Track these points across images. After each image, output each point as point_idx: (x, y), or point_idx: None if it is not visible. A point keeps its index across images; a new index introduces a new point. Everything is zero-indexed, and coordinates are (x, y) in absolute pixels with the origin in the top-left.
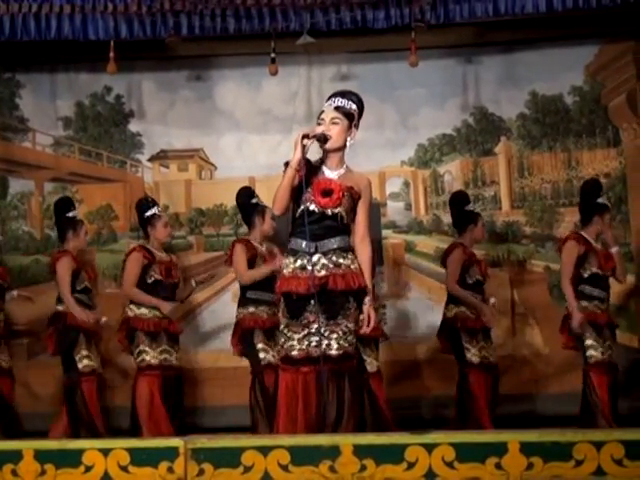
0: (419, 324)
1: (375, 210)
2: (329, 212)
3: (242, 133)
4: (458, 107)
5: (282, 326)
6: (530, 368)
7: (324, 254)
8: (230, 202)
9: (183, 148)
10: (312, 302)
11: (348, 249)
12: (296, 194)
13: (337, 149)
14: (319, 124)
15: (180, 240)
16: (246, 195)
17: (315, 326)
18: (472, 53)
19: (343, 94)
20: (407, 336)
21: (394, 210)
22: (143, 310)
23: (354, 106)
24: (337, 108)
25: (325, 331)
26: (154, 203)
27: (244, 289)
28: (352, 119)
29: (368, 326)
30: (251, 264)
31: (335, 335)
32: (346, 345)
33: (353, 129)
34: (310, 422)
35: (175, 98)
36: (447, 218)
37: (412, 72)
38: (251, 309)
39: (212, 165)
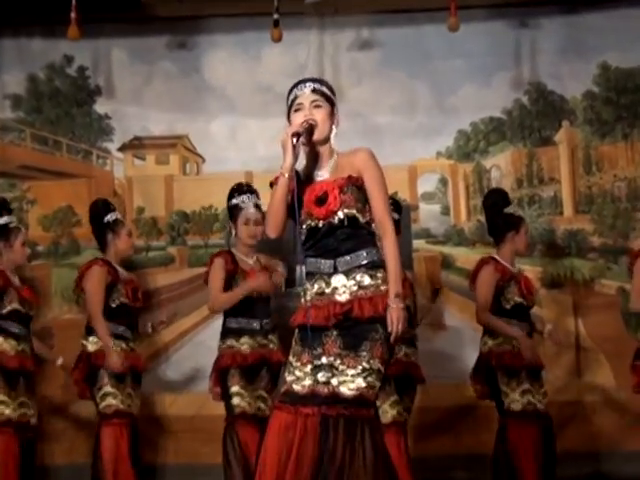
0: (459, 361)
1: (404, 214)
2: (335, 220)
3: (237, 116)
4: (509, 83)
5: (290, 357)
6: (600, 418)
7: (346, 274)
8: (221, 204)
9: (163, 135)
10: (333, 333)
11: (377, 264)
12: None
13: (325, 139)
14: (296, 110)
15: (158, 252)
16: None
17: (329, 359)
18: (527, 14)
19: (314, 80)
20: (444, 376)
21: (428, 215)
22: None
23: (329, 91)
24: (314, 90)
25: (340, 365)
26: (114, 207)
27: (225, 315)
28: (332, 103)
29: (394, 328)
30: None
31: (352, 371)
32: (364, 386)
33: (337, 115)
34: None
35: (153, 71)
36: None
37: (451, 39)
38: (229, 342)
39: (199, 157)
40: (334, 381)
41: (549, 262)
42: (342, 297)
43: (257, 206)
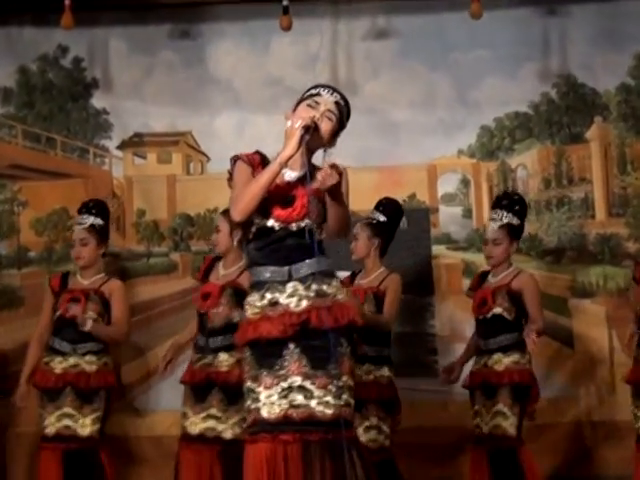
0: None
1: (422, 217)
2: (293, 227)
3: (244, 111)
4: (536, 76)
5: (248, 382)
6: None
7: (301, 281)
8: (228, 205)
9: (164, 131)
10: (291, 346)
11: (331, 272)
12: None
13: (313, 149)
14: (309, 105)
15: (159, 259)
16: None
17: (297, 379)
18: (556, 1)
19: (343, 95)
20: (463, 393)
21: (449, 218)
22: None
23: (346, 114)
24: (338, 105)
25: (310, 385)
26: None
27: None
28: (342, 125)
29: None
30: None
31: (325, 392)
32: (342, 404)
33: (339, 135)
34: None
35: (153, 62)
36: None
37: (473, 27)
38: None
39: (204, 155)
40: (309, 403)
41: (580, 270)
42: (297, 306)
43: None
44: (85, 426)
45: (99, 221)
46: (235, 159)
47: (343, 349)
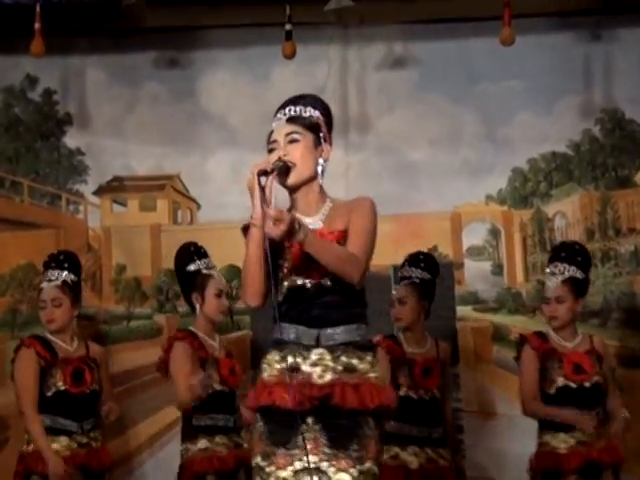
0: (515, 459)
1: (444, 273)
2: (327, 282)
3: (240, 151)
4: (577, 110)
5: (258, 458)
6: None
7: (330, 350)
8: (221, 260)
9: (149, 174)
10: (309, 421)
11: (367, 345)
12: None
13: (308, 179)
14: (271, 151)
15: (141, 321)
16: (183, 257)
17: (313, 459)
18: (600, 24)
19: (294, 100)
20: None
21: (476, 274)
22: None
23: (315, 112)
24: (292, 120)
25: (328, 467)
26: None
27: (188, 413)
28: (318, 130)
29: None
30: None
31: (344, 476)
32: None
33: (323, 145)
34: None
35: (137, 95)
36: None
37: (504, 54)
38: (202, 443)
39: (193, 202)
40: None
41: (629, 334)
42: (321, 377)
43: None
44: None
45: (72, 277)
46: (245, 229)
47: (370, 431)
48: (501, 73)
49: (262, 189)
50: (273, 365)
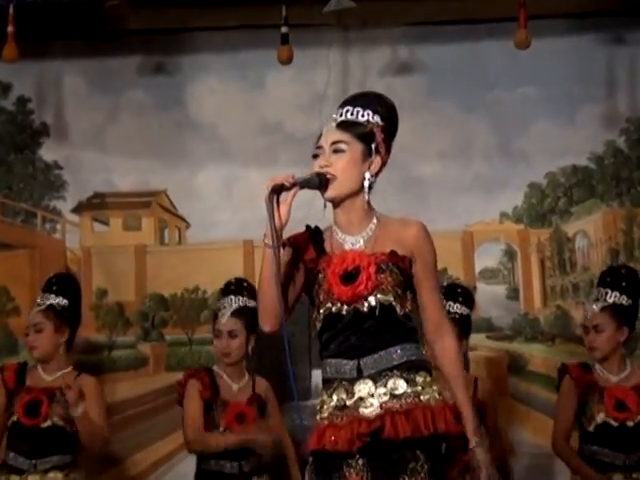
0: None
1: None
2: (364, 307)
3: (233, 164)
4: (599, 120)
5: None
6: None
7: (374, 379)
8: (211, 284)
9: (132, 190)
10: (359, 462)
11: (415, 364)
12: (305, 286)
13: (349, 194)
14: (315, 156)
15: (124, 351)
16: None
17: None
18: (625, 26)
19: (354, 99)
20: None
21: (490, 299)
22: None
23: (375, 116)
24: (342, 125)
25: None
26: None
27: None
28: (371, 139)
29: None
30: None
31: None
32: None
33: (374, 156)
34: None
35: (120, 104)
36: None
37: (519, 59)
38: None
39: (182, 220)
40: None
41: None
42: (369, 410)
43: (241, 311)
44: None
45: (61, 301)
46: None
47: (419, 465)
48: (516, 79)
49: (276, 205)
50: (323, 406)
